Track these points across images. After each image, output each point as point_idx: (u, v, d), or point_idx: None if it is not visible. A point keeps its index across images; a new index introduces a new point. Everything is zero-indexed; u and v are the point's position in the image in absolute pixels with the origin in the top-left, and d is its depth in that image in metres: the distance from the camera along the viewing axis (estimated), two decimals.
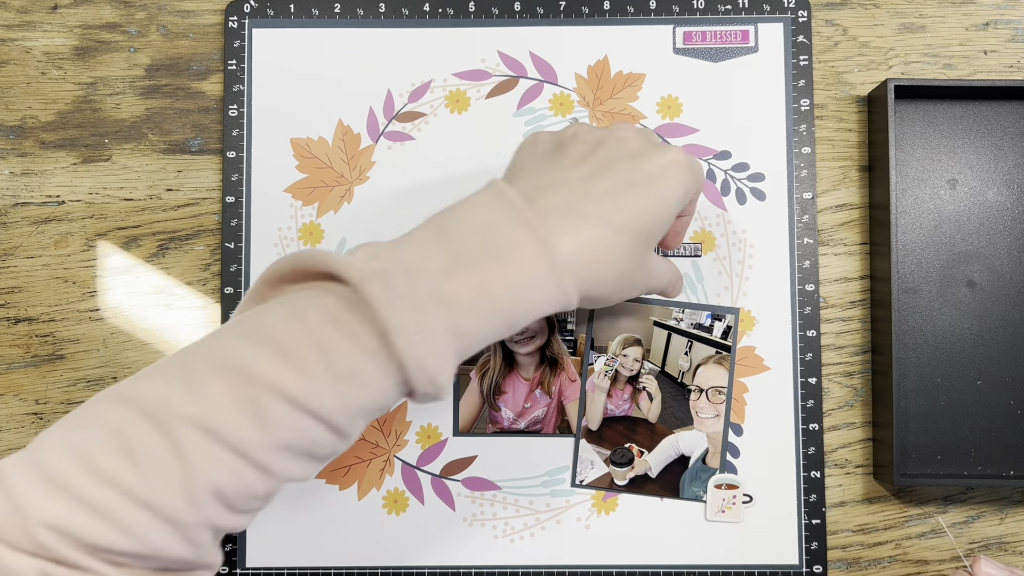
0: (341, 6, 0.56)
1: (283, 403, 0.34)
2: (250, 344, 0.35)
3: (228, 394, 0.34)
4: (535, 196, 0.40)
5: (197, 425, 0.34)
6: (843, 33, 0.56)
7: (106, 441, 0.34)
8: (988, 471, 0.54)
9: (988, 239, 0.54)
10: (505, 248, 0.38)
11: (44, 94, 0.56)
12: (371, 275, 0.35)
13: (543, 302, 0.38)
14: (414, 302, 0.35)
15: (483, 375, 0.54)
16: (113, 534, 0.33)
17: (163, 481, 0.34)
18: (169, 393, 0.34)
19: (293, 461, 0.36)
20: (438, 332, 0.36)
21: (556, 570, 0.54)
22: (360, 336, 0.35)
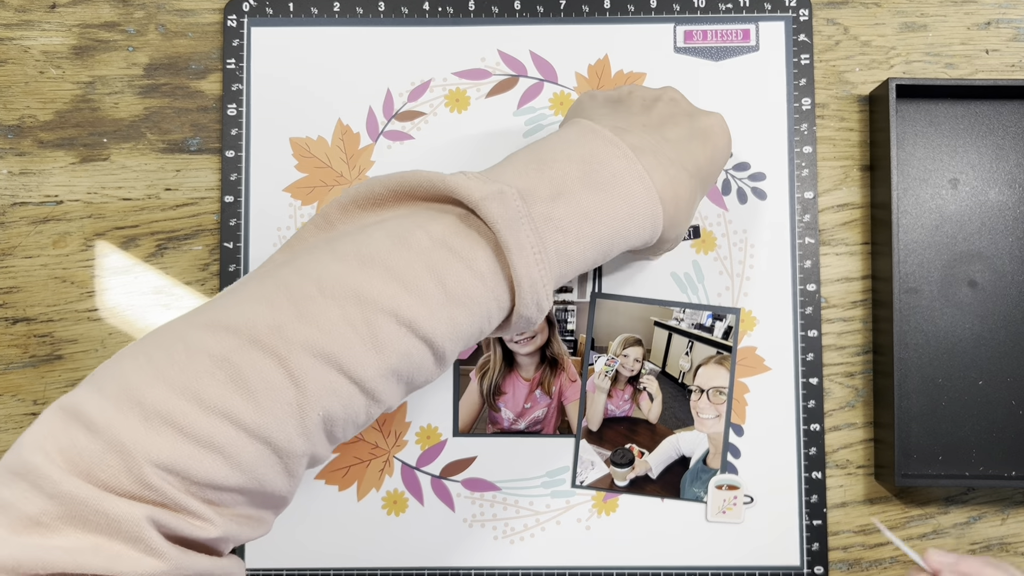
0: (340, 5, 0.56)
1: (399, 327, 0.34)
2: (360, 268, 0.34)
3: (344, 318, 0.33)
4: (621, 135, 0.41)
5: (314, 351, 0.32)
6: (844, 32, 0.56)
7: (212, 370, 0.31)
8: (989, 472, 0.53)
9: (990, 239, 0.54)
10: (609, 178, 0.39)
11: (42, 93, 0.56)
12: (491, 195, 0.35)
13: (636, 232, 0.40)
14: (531, 223, 0.36)
15: (483, 375, 0.54)
16: (226, 469, 0.31)
17: (279, 411, 0.32)
18: (278, 319, 0.32)
19: (397, 387, 0.35)
20: (550, 254, 0.36)
21: (556, 571, 0.53)
22: (475, 259, 0.35)
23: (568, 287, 0.55)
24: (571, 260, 0.38)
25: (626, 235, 0.39)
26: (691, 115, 0.45)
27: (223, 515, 0.32)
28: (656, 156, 0.41)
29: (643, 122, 0.43)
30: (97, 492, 0.29)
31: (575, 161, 0.39)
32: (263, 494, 0.33)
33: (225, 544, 0.33)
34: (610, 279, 0.55)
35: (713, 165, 0.45)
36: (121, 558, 0.29)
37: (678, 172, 0.41)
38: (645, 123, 0.43)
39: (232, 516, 0.33)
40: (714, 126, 0.45)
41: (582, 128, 0.41)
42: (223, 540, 0.32)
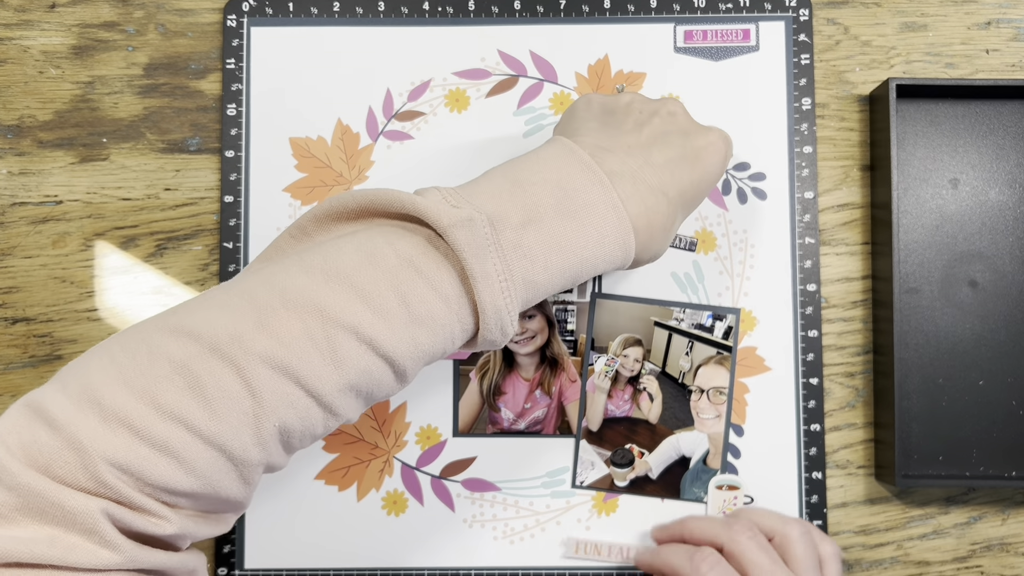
0: (340, 5, 0.56)
1: (360, 344, 0.34)
2: (325, 282, 0.35)
3: (305, 332, 0.33)
4: (602, 157, 0.41)
5: (272, 362, 0.33)
6: (845, 32, 0.56)
7: (171, 376, 0.32)
8: (990, 472, 0.53)
9: (990, 239, 0.54)
10: (581, 207, 0.39)
11: (42, 93, 0.56)
12: (460, 222, 0.36)
13: (605, 260, 0.40)
14: (499, 252, 0.36)
15: (483, 375, 0.54)
16: (180, 474, 0.32)
17: (234, 420, 0.32)
18: (239, 328, 0.33)
19: (355, 402, 0.36)
20: (516, 282, 0.37)
21: (556, 571, 0.53)
22: (440, 281, 0.36)
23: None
24: (538, 287, 0.38)
25: (595, 263, 0.40)
26: (686, 133, 0.45)
27: (179, 514, 0.33)
28: (635, 183, 0.41)
29: (630, 143, 0.43)
30: (54, 486, 0.30)
31: (550, 185, 0.39)
32: (218, 499, 0.34)
33: (182, 540, 0.34)
34: (610, 279, 0.54)
35: (700, 188, 0.44)
36: (76, 549, 0.30)
37: (657, 200, 0.41)
38: (632, 144, 0.43)
39: (188, 515, 0.34)
40: (709, 146, 0.45)
41: (561, 148, 0.41)
42: (180, 537, 0.33)
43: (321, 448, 0.54)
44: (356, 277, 0.35)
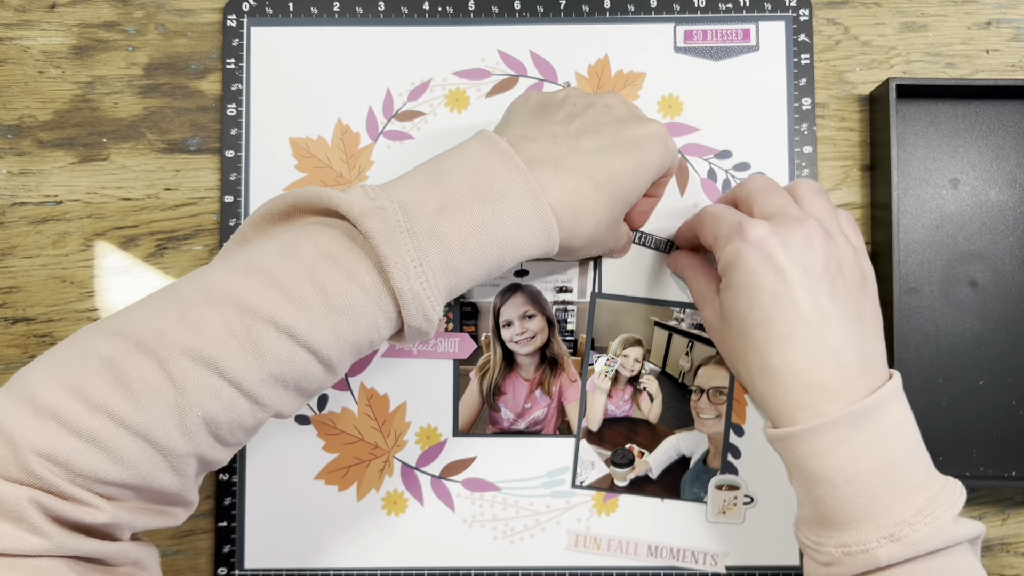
0: (340, 5, 0.56)
1: (279, 334, 0.35)
2: (245, 277, 0.36)
3: (224, 325, 0.35)
4: (523, 145, 0.42)
5: (193, 355, 0.34)
6: (845, 32, 0.56)
7: (99, 371, 0.34)
8: (990, 472, 0.53)
9: (990, 239, 0.54)
10: (497, 192, 0.39)
11: (42, 93, 0.56)
12: (371, 211, 0.37)
13: (528, 244, 0.40)
14: (412, 237, 0.37)
15: (483, 375, 0.54)
16: (107, 464, 0.33)
17: (158, 410, 0.34)
18: (163, 324, 0.35)
19: (284, 393, 0.37)
20: (432, 267, 0.37)
21: (556, 571, 0.53)
22: (357, 270, 0.36)
23: (568, 287, 0.55)
24: (459, 272, 0.38)
25: (517, 246, 0.40)
26: (621, 123, 0.45)
27: (115, 504, 0.34)
28: (557, 168, 0.41)
29: (557, 132, 0.43)
30: None
31: (467, 174, 0.40)
32: (153, 491, 0.35)
33: (120, 531, 0.35)
34: (610, 279, 0.55)
35: (636, 177, 0.44)
36: (5, 535, 0.32)
37: (580, 183, 0.41)
38: (559, 133, 0.43)
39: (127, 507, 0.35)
40: (647, 136, 0.45)
41: (481, 139, 0.42)
42: (115, 527, 0.35)
43: (321, 448, 0.54)
44: (275, 270, 0.36)
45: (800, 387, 0.40)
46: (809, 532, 0.42)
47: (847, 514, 0.39)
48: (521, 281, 0.55)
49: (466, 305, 0.54)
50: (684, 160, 0.55)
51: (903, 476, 0.40)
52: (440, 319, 0.39)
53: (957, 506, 0.40)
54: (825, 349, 0.40)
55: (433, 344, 0.54)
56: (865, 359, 0.41)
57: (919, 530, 0.38)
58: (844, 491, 0.39)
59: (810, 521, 0.42)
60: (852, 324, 0.41)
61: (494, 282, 0.55)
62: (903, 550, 0.38)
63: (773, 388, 0.41)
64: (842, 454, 0.39)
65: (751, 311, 0.41)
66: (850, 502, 0.39)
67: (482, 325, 0.54)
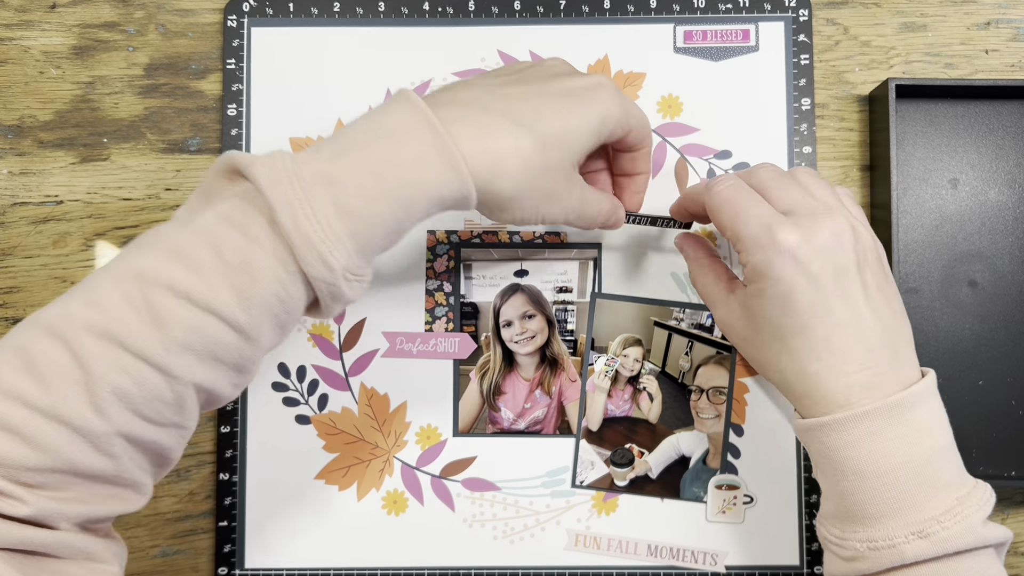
0: (340, 5, 0.56)
1: (177, 299, 0.35)
2: (144, 251, 0.36)
3: (123, 298, 0.35)
4: (435, 96, 0.41)
5: (95, 331, 0.34)
6: (844, 32, 0.56)
7: (11, 359, 0.34)
8: (990, 471, 0.53)
9: (990, 239, 0.54)
10: (394, 130, 0.38)
11: (42, 93, 0.56)
12: (259, 161, 0.36)
13: (435, 183, 0.38)
14: (298, 180, 0.36)
15: (483, 375, 0.54)
16: (24, 449, 0.33)
17: (66, 390, 0.34)
18: (69, 307, 0.35)
19: (199, 364, 0.36)
20: (323, 208, 0.36)
21: (556, 571, 0.53)
22: (250, 224, 0.36)
23: (568, 287, 0.55)
24: (359, 215, 0.37)
25: (421, 185, 0.38)
26: (555, 76, 0.43)
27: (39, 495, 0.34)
28: (466, 108, 0.39)
29: (480, 82, 0.42)
30: None
31: (367, 123, 0.39)
32: (83, 473, 0.35)
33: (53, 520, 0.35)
34: (610, 279, 0.55)
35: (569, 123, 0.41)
36: None
37: (494, 121, 0.39)
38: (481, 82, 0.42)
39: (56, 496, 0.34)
40: (586, 87, 0.42)
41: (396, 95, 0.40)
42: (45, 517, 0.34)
43: (321, 448, 0.54)
44: (174, 239, 0.36)
45: (838, 388, 0.40)
46: (833, 527, 0.42)
47: (875, 508, 0.39)
48: (521, 281, 0.55)
49: (466, 305, 0.55)
50: (684, 160, 0.55)
51: (934, 473, 0.39)
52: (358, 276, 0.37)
53: (987, 508, 0.39)
54: (861, 348, 0.40)
55: (433, 344, 0.54)
56: (898, 353, 0.41)
57: (948, 528, 0.38)
58: (873, 484, 0.39)
59: (835, 516, 0.42)
60: (887, 319, 0.41)
61: (494, 282, 0.55)
62: (931, 547, 0.38)
63: (812, 391, 0.41)
64: (874, 446, 0.39)
65: (786, 319, 0.41)
66: (879, 496, 0.39)
67: (482, 325, 0.54)
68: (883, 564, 0.38)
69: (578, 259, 0.55)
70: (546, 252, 0.55)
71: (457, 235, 0.55)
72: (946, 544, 0.38)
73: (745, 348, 0.45)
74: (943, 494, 0.39)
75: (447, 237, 0.55)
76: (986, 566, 0.38)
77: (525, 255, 0.55)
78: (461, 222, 0.55)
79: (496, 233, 0.55)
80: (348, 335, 0.55)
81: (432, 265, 0.55)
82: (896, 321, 0.42)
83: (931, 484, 0.39)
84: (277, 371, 0.54)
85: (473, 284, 0.55)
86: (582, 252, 0.55)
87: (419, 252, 0.55)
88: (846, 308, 0.40)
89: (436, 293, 0.55)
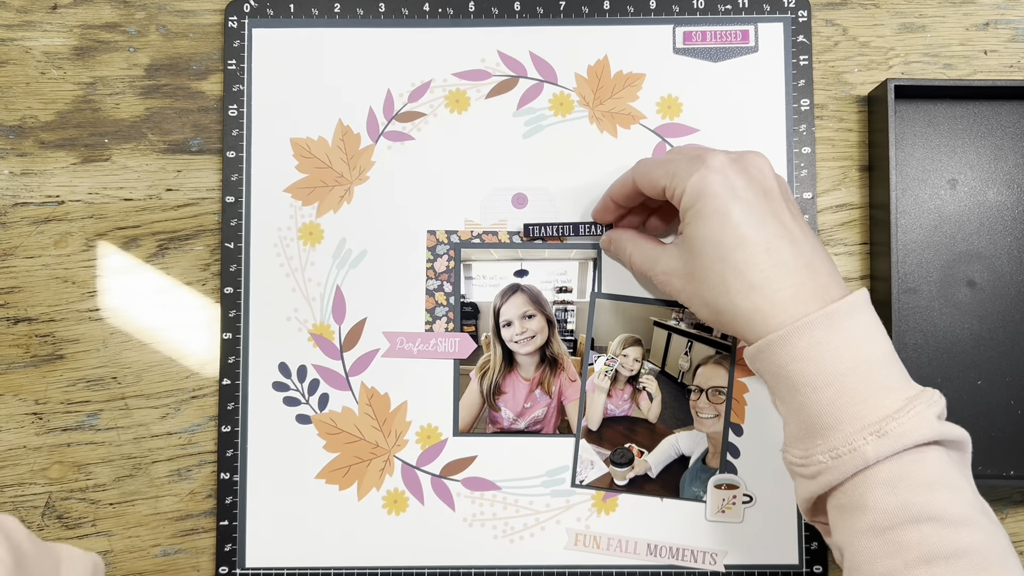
0: (341, 6, 0.56)
1: None
2: None
3: None
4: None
5: None
6: (843, 33, 0.56)
7: None
8: (988, 471, 0.54)
9: (988, 239, 0.54)
10: None
11: (44, 94, 0.56)
12: None
13: None
14: None
15: (483, 375, 0.54)
16: None
17: None
18: None
19: None
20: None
21: (556, 570, 0.54)
22: None
23: (568, 287, 0.55)
24: None
25: None
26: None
27: None
28: None
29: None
30: None
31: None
32: None
33: None
34: (610, 279, 0.55)
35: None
36: None
37: None
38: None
39: None
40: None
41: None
42: None
43: (322, 447, 0.54)
44: None
45: (786, 299, 0.42)
46: (796, 450, 0.42)
47: (831, 417, 0.40)
48: (521, 281, 0.55)
49: (466, 305, 0.55)
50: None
51: (882, 377, 0.40)
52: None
53: (938, 406, 0.40)
54: (800, 260, 0.42)
55: (433, 344, 0.54)
56: (832, 272, 0.43)
57: (904, 424, 0.38)
58: (826, 393, 0.40)
59: (796, 438, 0.42)
60: (814, 240, 0.44)
61: (494, 282, 0.55)
62: (890, 444, 0.38)
63: (760, 304, 0.42)
64: (819, 356, 0.40)
65: (726, 233, 0.43)
66: (833, 403, 0.40)
67: (482, 325, 0.55)
68: (847, 470, 0.39)
69: (578, 259, 0.55)
70: (546, 252, 0.55)
71: (457, 235, 0.55)
72: (904, 439, 0.38)
73: (690, 288, 0.46)
74: (894, 395, 0.39)
75: (447, 237, 0.55)
76: (947, 465, 0.39)
77: (525, 255, 0.55)
78: (461, 222, 0.55)
79: (496, 233, 0.55)
80: (349, 335, 0.55)
81: (432, 265, 0.55)
82: (818, 241, 0.44)
83: (881, 387, 0.40)
84: (278, 371, 0.54)
85: (473, 284, 0.55)
86: (582, 252, 0.55)
87: (419, 252, 0.55)
88: (777, 223, 0.43)
89: (436, 293, 0.55)
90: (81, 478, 0.55)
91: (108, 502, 0.55)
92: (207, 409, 0.55)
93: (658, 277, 0.48)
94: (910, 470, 0.38)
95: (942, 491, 0.38)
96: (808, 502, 0.42)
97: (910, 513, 0.37)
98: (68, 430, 0.55)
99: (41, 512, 0.55)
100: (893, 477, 0.38)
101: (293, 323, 0.55)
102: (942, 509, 0.37)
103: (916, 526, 0.37)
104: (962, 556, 0.36)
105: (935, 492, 0.38)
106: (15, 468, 0.55)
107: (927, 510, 0.37)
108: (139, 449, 0.55)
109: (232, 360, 0.55)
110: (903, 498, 0.38)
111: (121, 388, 0.55)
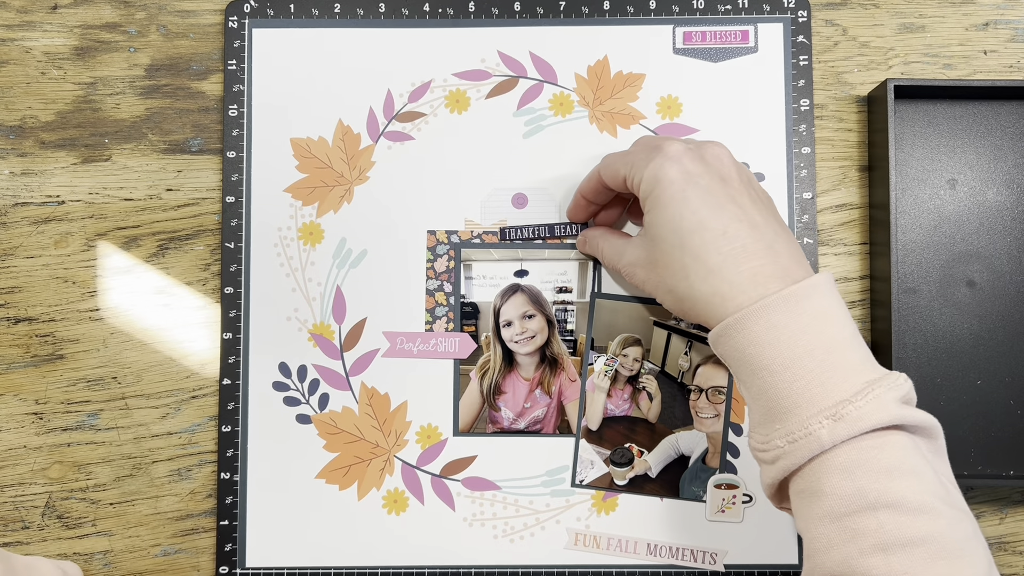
0: (341, 6, 0.56)
1: None
2: None
3: None
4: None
5: None
6: (843, 33, 0.56)
7: None
8: (988, 471, 0.54)
9: (988, 239, 0.55)
10: None
11: (44, 94, 0.56)
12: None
13: None
14: None
15: (483, 375, 0.55)
16: None
17: None
18: None
19: None
20: None
21: (556, 570, 0.54)
22: None
23: (568, 287, 0.55)
24: None
25: None
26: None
27: None
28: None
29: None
30: None
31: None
32: None
33: None
34: (610, 279, 0.55)
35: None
36: None
37: None
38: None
39: None
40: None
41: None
42: None
43: (322, 447, 0.54)
44: None
45: (744, 281, 0.41)
46: (757, 435, 0.41)
47: (788, 400, 0.39)
48: (521, 281, 0.55)
49: (466, 305, 0.55)
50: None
51: (841, 361, 0.39)
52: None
53: (901, 390, 0.39)
54: (760, 243, 0.42)
55: (433, 344, 0.55)
56: (795, 254, 0.43)
57: (861, 408, 0.37)
58: (783, 377, 0.39)
59: (758, 422, 0.41)
60: (776, 226, 0.44)
61: (494, 282, 0.55)
62: (846, 428, 0.37)
63: (719, 286, 0.42)
64: (776, 339, 0.39)
65: (684, 219, 0.43)
66: (789, 387, 0.39)
67: (482, 325, 0.55)
68: (804, 455, 0.38)
69: (578, 259, 0.55)
70: (546, 252, 0.55)
71: (457, 235, 0.55)
72: (860, 423, 0.37)
73: (654, 277, 0.46)
74: (853, 378, 0.39)
75: (447, 237, 0.55)
76: (910, 451, 0.38)
77: (525, 255, 0.55)
78: (461, 222, 0.55)
79: (496, 233, 0.55)
80: (349, 335, 0.55)
81: (432, 265, 0.55)
82: (783, 227, 0.44)
83: (838, 371, 0.39)
84: (278, 371, 0.54)
85: (473, 284, 0.55)
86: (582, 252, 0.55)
87: (419, 252, 0.55)
88: (736, 208, 0.43)
89: (436, 293, 0.55)
90: (81, 478, 0.55)
91: (108, 502, 0.55)
92: (207, 409, 0.55)
93: (625, 269, 0.49)
94: (868, 456, 0.37)
95: (902, 478, 0.37)
96: (771, 488, 0.41)
97: (867, 499, 0.37)
98: (68, 430, 0.55)
99: (41, 512, 0.55)
100: (850, 462, 0.37)
101: (293, 323, 0.55)
102: (900, 496, 0.36)
103: (873, 513, 0.36)
104: (919, 544, 0.36)
105: (894, 479, 0.37)
106: (15, 468, 0.55)
107: (885, 497, 0.36)
108: (139, 449, 0.55)
109: (232, 360, 0.55)
110: (860, 484, 0.37)
111: (121, 388, 0.55)
